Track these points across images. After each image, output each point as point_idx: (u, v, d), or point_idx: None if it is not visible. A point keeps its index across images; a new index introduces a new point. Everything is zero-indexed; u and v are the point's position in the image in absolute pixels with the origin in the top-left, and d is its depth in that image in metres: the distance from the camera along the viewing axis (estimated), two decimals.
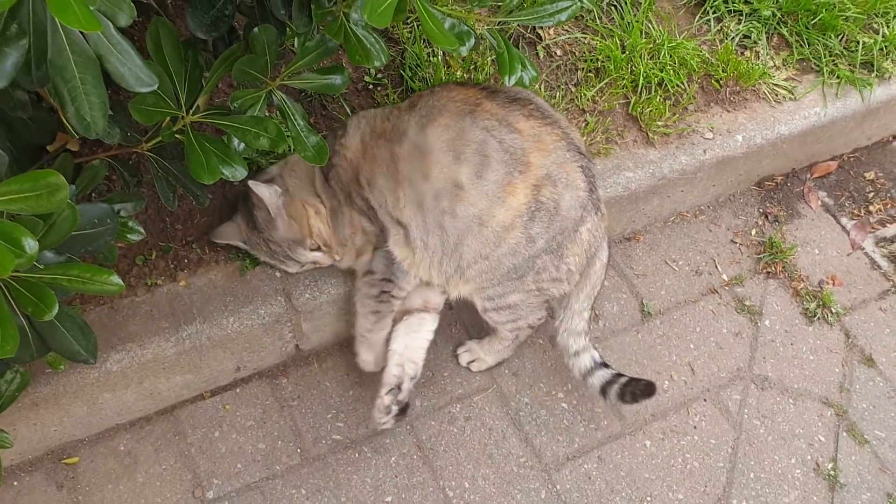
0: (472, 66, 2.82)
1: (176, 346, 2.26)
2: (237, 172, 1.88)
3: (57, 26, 1.16)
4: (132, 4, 1.27)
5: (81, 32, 1.21)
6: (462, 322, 2.66)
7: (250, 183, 2.17)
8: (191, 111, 1.86)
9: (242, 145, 1.98)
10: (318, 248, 2.28)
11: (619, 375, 2.34)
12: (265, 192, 2.19)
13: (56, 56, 1.19)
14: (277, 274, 2.37)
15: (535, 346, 2.63)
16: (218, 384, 2.46)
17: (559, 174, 2.16)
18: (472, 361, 2.56)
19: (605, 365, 2.38)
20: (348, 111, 2.70)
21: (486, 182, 2.12)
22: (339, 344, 2.58)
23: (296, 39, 1.96)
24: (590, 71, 2.90)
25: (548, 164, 2.14)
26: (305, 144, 2.01)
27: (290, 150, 2.35)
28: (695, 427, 2.51)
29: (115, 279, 1.55)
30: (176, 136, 1.88)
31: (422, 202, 2.17)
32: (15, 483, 2.24)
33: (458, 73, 2.79)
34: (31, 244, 1.25)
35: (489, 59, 2.81)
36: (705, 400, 2.57)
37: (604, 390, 2.35)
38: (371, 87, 2.79)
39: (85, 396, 2.22)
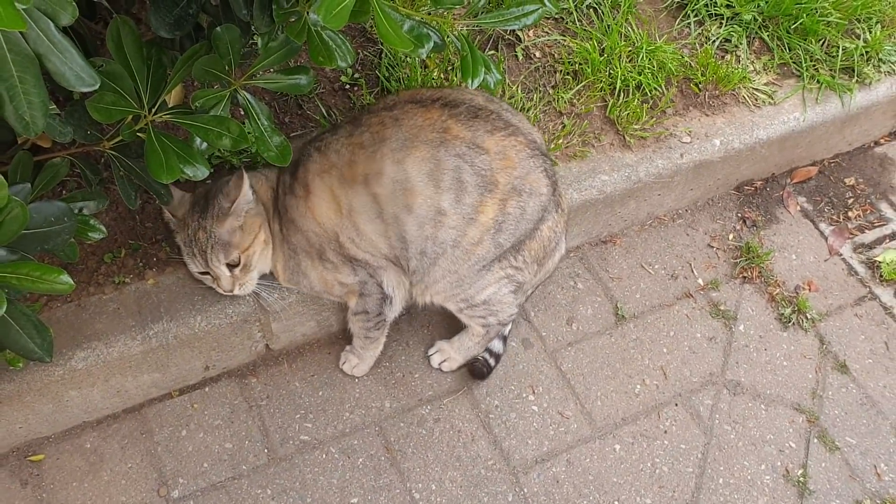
0: (449, 67, 2.82)
1: (143, 345, 2.25)
2: (199, 171, 1.88)
3: None
4: (75, 4, 1.27)
5: (20, 31, 1.21)
6: (433, 323, 2.65)
7: (245, 171, 2.17)
8: (153, 109, 1.86)
9: (205, 145, 1.97)
10: (233, 266, 2.21)
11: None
12: (246, 186, 2.17)
13: None
14: None
15: (508, 348, 2.62)
16: (186, 383, 2.46)
17: (524, 186, 2.20)
18: (444, 361, 2.57)
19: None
20: (324, 112, 2.70)
21: (464, 206, 2.16)
22: (310, 344, 2.58)
23: (259, 39, 1.96)
24: (568, 73, 2.89)
25: (513, 179, 2.19)
26: (269, 144, 2.00)
27: (253, 151, 2.36)
28: (665, 432, 2.50)
29: (65, 278, 1.54)
30: (138, 134, 1.88)
31: (405, 234, 2.19)
32: None
33: (435, 73, 2.78)
34: None
35: None
36: (677, 404, 2.56)
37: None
38: (347, 87, 2.78)
39: (50, 394, 2.22)
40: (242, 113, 2.00)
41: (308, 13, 1.74)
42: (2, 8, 0.95)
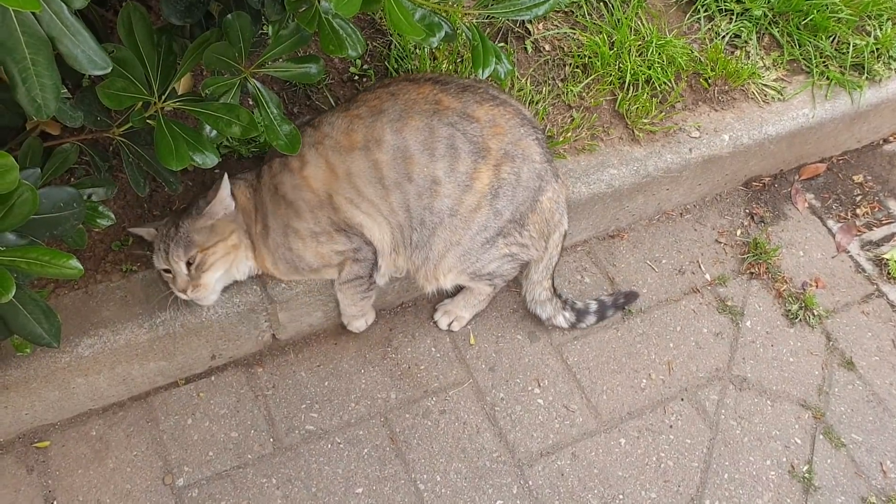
0: (459, 59, 2.81)
1: (149, 333, 2.25)
2: (208, 159, 1.88)
3: (6, 7, 1.15)
4: None
5: (33, 13, 1.21)
6: (431, 302, 2.65)
7: (227, 176, 2.18)
8: (163, 97, 1.86)
9: (214, 132, 1.98)
10: (189, 265, 2.17)
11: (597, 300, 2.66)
12: (225, 190, 2.18)
13: (6, 37, 1.19)
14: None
15: (514, 342, 2.62)
16: (192, 371, 2.46)
17: (516, 151, 2.24)
18: (453, 321, 2.62)
19: (575, 307, 2.64)
20: (332, 102, 2.69)
21: (458, 173, 2.19)
22: (316, 334, 2.58)
23: (270, 27, 1.96)
24: (577, 67, 2.89)
25: (504, 144, 2.22)
26: (278, 133, 2.01)
27: (262, 140, 2.35)
28: (671, 426, 2.50)
29: (74, 263, 1.54)
30: (147, 121, 1.88)
31: (408, 202, 2.20)
32: None
33: (444, 65, 2.78)
34: None
35: None
36: (682, 399, 2.56)
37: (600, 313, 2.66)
38: (356, 78, 2.78)
39: (56, 381, 2.22)
40: (251, 102, 2.00)
41: (319, 1, 1.74)
42: None
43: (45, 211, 1.68)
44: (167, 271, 2.20)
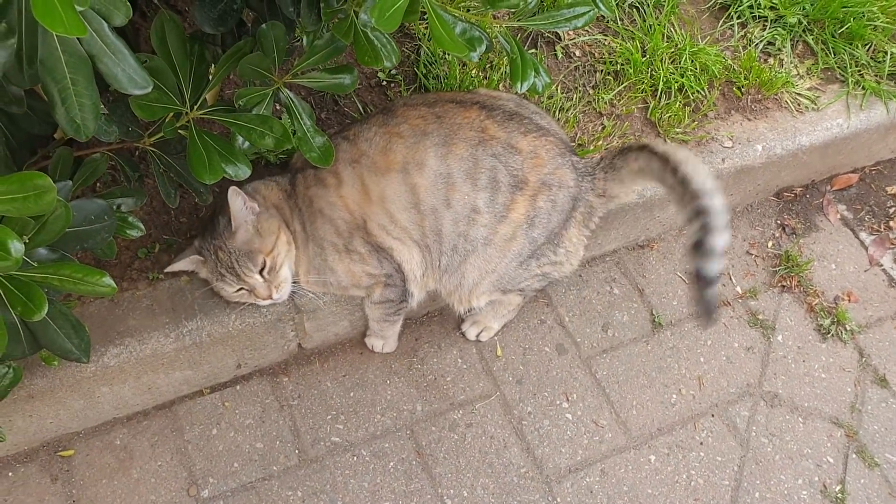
0: (489, 66, 2.77)
1: (176, 342, 2.23)
2: (240, 171, 1.85)
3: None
4: (128, 4, 1.23)
5: None
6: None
7: (232, 189, 2.12)
8: (195, 107, 1.83)
9: (247, 144, 1.94)
10: (263, 270, 2.15)
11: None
12: (236, 200, 2.11)
13: (47, 56, 1.16)
14: None
15: (542, 354, 2.58)
16: (218, 381, 2.43)
17: (552, 180, 2.20)
18: (482, 332, 2.59)
19: None
20: (360, 109, 2.66)
21: (497, 205, 2.17)
22: (342, 344, 2.55)
23: (304, 37, 1.92)
24: (609, 73, 2.84)
25: (543, 175, 2.19)
26: (311, 145, 1.97)
27: (294, 150, 2.32)
28: (701, 443, 2.46)
29: (107, 280, 1.51)
30: (179, 131, 1.85)
31: (441, 228, 2.18)
32: (10, 474, 2.23)
33: (474, 72, 2.74)
34: (16, 247, 1.22)
35: (505, 58, 2.75)
36: (713, 415, 2.51)
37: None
38: (384, 83, 2.74)
39: (81, 390, 2.20)
40: (282, 110, 1.97)
41: (358, 13, 1.71)
42: (63, 13, 0.91)
43: (77, 224, 1.65)
44: (239, 290, 2.17)
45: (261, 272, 2.14)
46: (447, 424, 2.43)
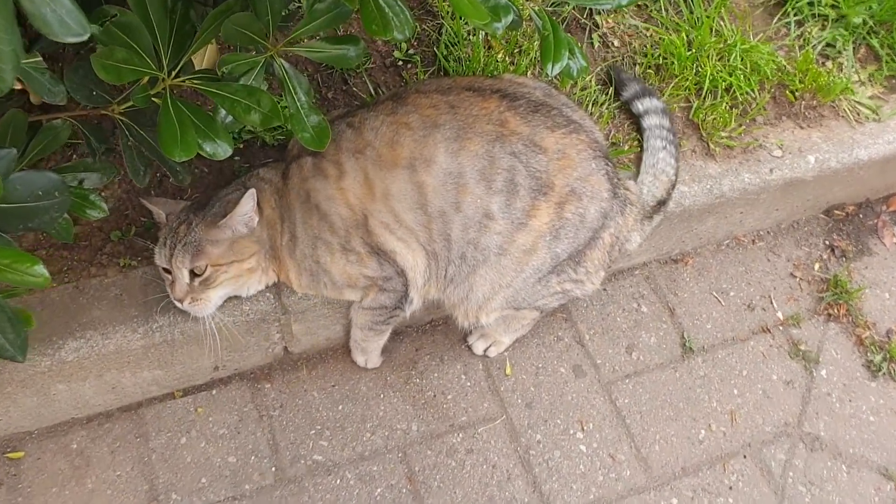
0: (517, 50, 2.49)
1: (144, 339, 1.98)
2: (220, 149, 1.59)
3: None
4: None
5: None
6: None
7: (251, 192, 1.87)
8: (174, 72, 1.57)
9: (230, 118, 1.69)
10: (194, 275, 1.88)
11: None
12: (248, 206, 1.87)
13: None
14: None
15: (556, 375, 2.31)
16: (192, 383, 2.18)
17: (583, 188, 1.96)
18: (490, 346, 2.33)
19: None
20: (372, 90, 2.39)
21: (514, 210, 1.92)
22: (334, 350, 2.28)
23: (304, 0, 1.66)
24: (650, 67, 2.56)
25: (571, 180, 1.94)
26: (304, 124, 1.71)
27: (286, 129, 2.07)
28: (730, 488, 2.18)
29: (40, 269, 1.27)
30: (153, 99, 1.59)
31: (449, 233, 1.93)
32: None
33: (500, 55, 2.46)
34: None
35: (536, 42, 2.48)
36: (745, 456, 2.23)
37: None
38: (400, 64, 2.47)
39: (35, 386, 1.95)
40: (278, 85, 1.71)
41: None
42: None
43: (20, 199, 1.41)
44: (167, 271, 1.91)
45: (193, 276, 1.88)
46: (445, 449, 2.16)
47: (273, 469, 2.08)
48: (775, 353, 2.43)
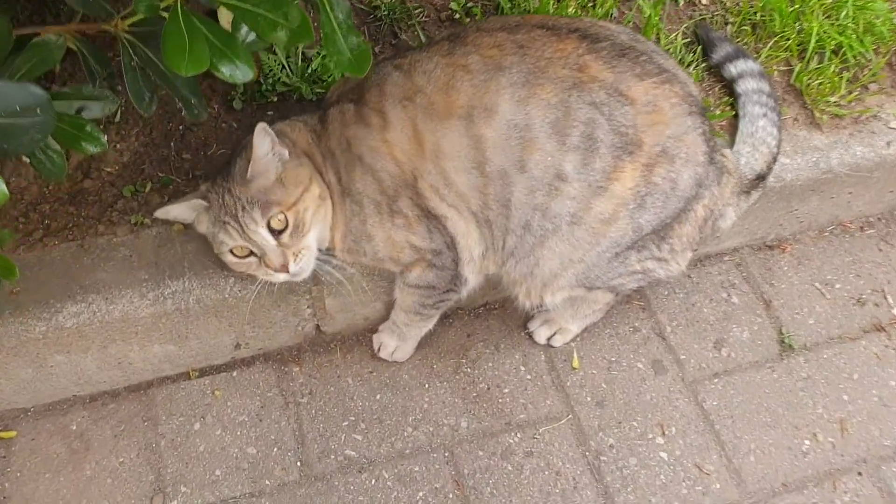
0: (590, 3, 2.20)
1: (154, 306, 1.71)
2: (239, 72, 1.33)
3: None
4: None
5: None
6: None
7: (260, 126, 1.57)
8: None
9: (252, 35, 1.42)
10: (280, 232, 1.60)
11: None
12: (263, 138, 1.57)
13: None
14: None
15: (632, 371, 1.98)
16: (210, 362, 1.91)
17: (677, 148, 1.64)
18: (555, 334, 2.01)
19: None
20: (424, 42, 2.12)
21: (592, 171, 1.60)
22: (372, 331, 1.99)
23: None
24: (744, 24, 2.23)
25: (663, 138, 1.62)
26: (341, 45, 1.42)
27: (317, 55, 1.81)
28: None
29: None
30: (161, 12, 1.34)
31: (509, 197, 1.63)
32: None
33: (571, 8, 2.17)
34: None
35: None
36: (860, 473, 1.86)
37: None
38: (457, 17, 2.19)
39: (29, 355, 1.70)
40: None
41: None
42: None
43: None
44: (247, 255, 1.63)
45: (278, 234, 1.60)
46: (500, 450, 1.84)
47: (298, 464, 1.79)
48: (892, 354, 2.05)
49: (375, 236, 1.70)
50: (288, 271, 1.61)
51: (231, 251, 1.63)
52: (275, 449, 1.81)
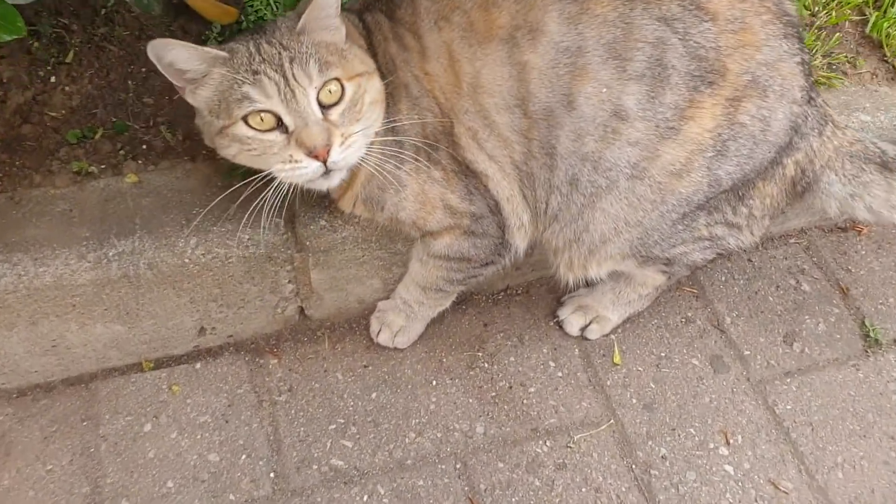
0: None
1: (95, 270, 1.37)
2: None
3: None
4: None
5: None
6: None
7: None
8: None
9: None
10: (330, 107, 1.21)
11: None
12: None
13: None
14: None
15: (686, 368, 1.62)
16: (168, 351, 1.56)
17: (771, 79, 1.32)
18: (589, 325, 1.66)
19: None
20: None
21: (661, 107, 1.29)
22: (366, 318, 1.64)
23: None
24: None
25: (754, 65, 1.30)
26: None
27: None
28: None
29: None
30: None
31: (554, 144, 1.31)
32: None
33: None
34: None
35: None
36: None
37: None
38: None
39: None
40: None
41: None
42: None
43: None
44: (276, 127, 1.21)
45: (327, 109, 1.21)
46: (525, 461, 1.48)
47: (272, 475, 1.42)
48: None
49: (407, 185, 1.35)
50: (327, 158, 1.20)
51: (245, 119, 1.20)
52: (243, 456, 1.44)
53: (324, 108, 1.20)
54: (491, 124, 1.32)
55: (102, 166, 1.49)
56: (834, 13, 1.85)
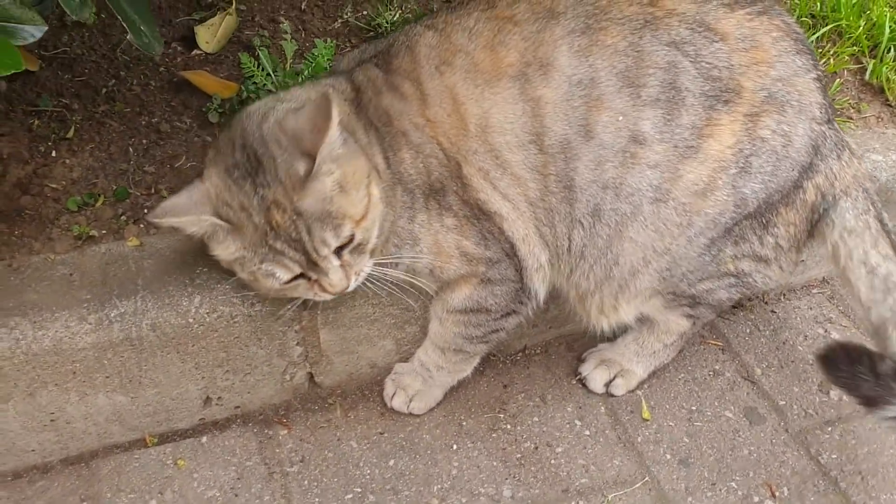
0: None
1: (97, 332, 1.31)
2: None
3: None
4: None
5: None
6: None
7: (326, 92, 1.21)
8: None
9: None
10: (346, 248, 1.22)
11: None
12: (335, 123, 1.17)
13: None
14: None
15: (720, 421, 1.53)
16: (172, 425, 1.47)
17: (788, 94, 1.32)
18: (613, 380, 1.58)
19: None
20: None
21: (679, 129, 1.30)
22: (380, 382, 1.56)
23: None
24: (803, 15, 1.95)
25: (768, 81, 1.31)
26: None
27: None
28: None
29: None
30: None
31: (572, 176, 1.30)
32: None
33: None
34: None
35: None
36: None
37: None
38: None
39: None
40: None
41: None
42: None
43: None
44: (299, 276, 1.23)
45: (339, 251, 1.22)
46: None
47: None
48: None
49: (422, 239, 1.32)
50: (346, 290, 1.25)
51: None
52: None
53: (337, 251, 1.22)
54: (503, 163, 1.30)
55: (104, 231, 1.45)
56: (832, 61, 1.87)
